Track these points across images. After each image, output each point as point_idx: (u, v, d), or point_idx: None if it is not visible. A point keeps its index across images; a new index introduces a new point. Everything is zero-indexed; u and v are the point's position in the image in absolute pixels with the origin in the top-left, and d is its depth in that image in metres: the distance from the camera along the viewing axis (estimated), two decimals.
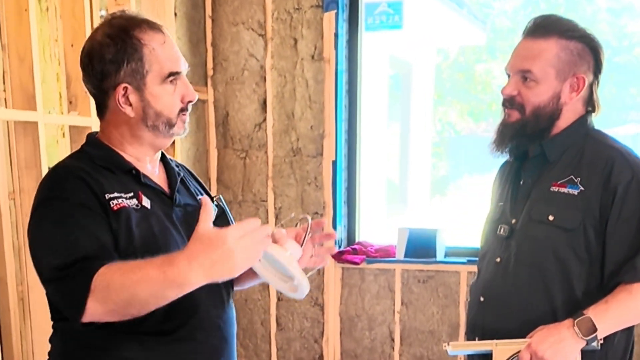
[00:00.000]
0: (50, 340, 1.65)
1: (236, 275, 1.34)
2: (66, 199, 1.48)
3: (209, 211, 1.35)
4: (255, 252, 1.35)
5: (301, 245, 1.56)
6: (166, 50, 1.57)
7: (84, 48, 1.61)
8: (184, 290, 1.34)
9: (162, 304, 1.38)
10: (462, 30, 7.95)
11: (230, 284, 1.73)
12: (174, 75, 1.57)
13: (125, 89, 1.55)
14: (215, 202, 1.69)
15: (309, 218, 1.57)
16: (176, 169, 1.73)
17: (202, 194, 1.75)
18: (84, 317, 1.39)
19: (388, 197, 7.16)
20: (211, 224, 1.34)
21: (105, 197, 1.50)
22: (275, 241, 1.50)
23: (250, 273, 1.60)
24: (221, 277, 1.34)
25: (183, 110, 1.60)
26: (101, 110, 1.63)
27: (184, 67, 1.61)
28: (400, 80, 8.01)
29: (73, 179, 1.51)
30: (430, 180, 8.98)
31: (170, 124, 1.59)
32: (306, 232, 1.57)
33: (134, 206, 1.53)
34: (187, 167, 1.84)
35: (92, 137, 1.67)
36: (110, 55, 1.54)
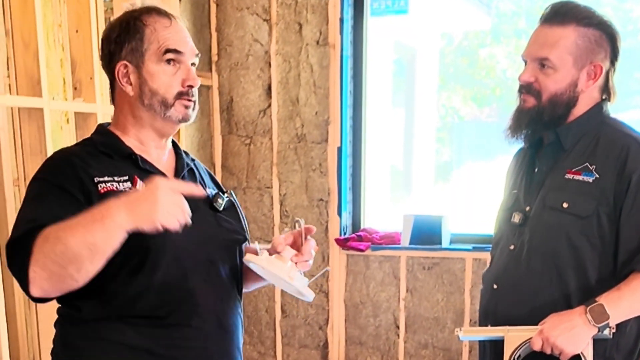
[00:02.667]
0: (54, 325, 1.68)
1: (155, 225, 1.35)
2: (45, 180, 1.53)
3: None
4: (174, 213, 1.36)
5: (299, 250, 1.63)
6: (169, 31, 1.61)
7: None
8: (111, 230, 1.33)
9: (97, 258, 1.37)
10: (467, 15, 7.90)
11: (238, 280, 1.76)
12: (171, 52, 1.59)
13: (126, 66, 1.60)
14: (226, 197, 1.73)
15: (302, 221, 1.64)
16: (189, 162, 1.75)
17: (212, 188, 1.77)
18: (31, 288, 1.40)
19: (392, 183, 7.14)
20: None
21: (93, 181, 1.53)
22: (275, 250, 1.60)
23: (255, 276, 1.72)
24: (142, 220, 1.34)
25: (183, 94, 1.61)
26: (112, 95, 1.68)
27: (187, 49, 1.62)
28: (404, 66, 7.97)
29: (60, 162, 1.56)
30: (434, 166, 8.94)
31: (165, 104, 1.60)
32: (302, 237, 1.64)
33: (126, 189, 1.56)
34: (203, 166, 1.86)
35: (100, 126, 1.72)
36: (115, 35, 1.62)
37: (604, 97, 1.92)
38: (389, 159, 7.03)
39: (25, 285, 1.41)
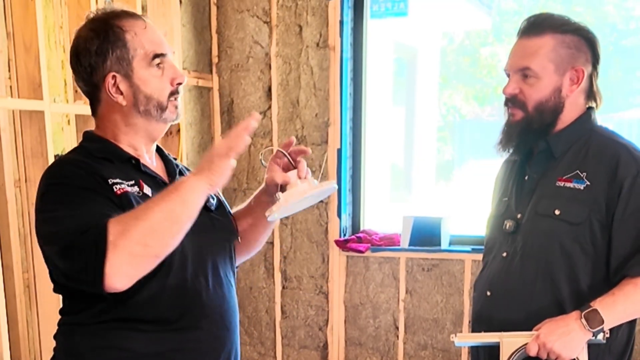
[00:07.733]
0: (55, 337, 1.66)
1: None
2: (68, 184, 1.51)
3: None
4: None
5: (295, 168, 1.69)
6: (148, 34, 1.60)
7: (71, 48, 1.63)
8: (194, 199, 1.47)
9: (177, 232, 1.44)
10: (467, 15, 7.91)
11: (234, 276, 1.75)
12: (159, 57, 1.59)
13: (115, 77, 1.58)
14: (215, 195, 1.76)
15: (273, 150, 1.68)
16: (177, 164, 1.76)
17: None
18: (107, 277, 1.37)
19: (392, 182, 7.16)
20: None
21: (108, 182, 1.52)
22: (286, 183, 1.64)
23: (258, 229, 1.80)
24: (220, 178, 1.54)
25: (173, 93, 1.62)
26: (94, 106, 1.65)
27: (168, 49, 1.63)
28: (405, 65, 7.99)
29: (72, 167, 1.54)
30: (435, 165, 8.96)
31: (161, 107, 1.60)
32: (287, 155, 1.71)
33: (136, 193, 1.55)
34: (186, 166, 1.87)
35: (88, 133, 1.69)
36: (95, 47, 1.58)
37: (591, 105, 1.95)
38: (390, 157, 7.04)
39: (100, 280, 1.38)
